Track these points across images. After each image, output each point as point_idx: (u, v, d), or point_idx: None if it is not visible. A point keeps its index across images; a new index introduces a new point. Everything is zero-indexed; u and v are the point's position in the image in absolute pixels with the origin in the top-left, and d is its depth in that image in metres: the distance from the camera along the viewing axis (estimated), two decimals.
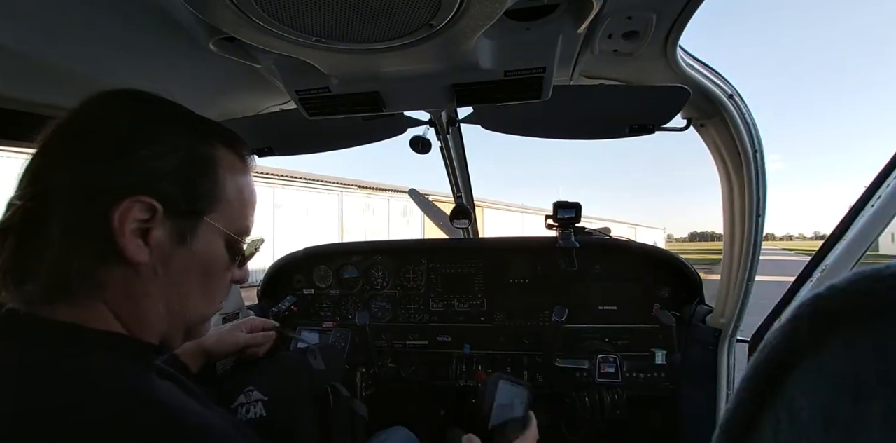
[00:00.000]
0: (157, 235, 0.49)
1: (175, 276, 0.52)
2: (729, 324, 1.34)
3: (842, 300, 0.21)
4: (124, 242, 0.47)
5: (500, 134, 1.30)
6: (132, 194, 0.47)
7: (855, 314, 0.20)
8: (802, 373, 0.22)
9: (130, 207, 0.47)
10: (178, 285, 0.53)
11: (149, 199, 0.48)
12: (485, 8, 0.56)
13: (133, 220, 0.47)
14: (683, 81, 0.95)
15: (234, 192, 0.57)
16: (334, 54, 0.68)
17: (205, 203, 0.53)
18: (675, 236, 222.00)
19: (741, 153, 1.09)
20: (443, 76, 0.80)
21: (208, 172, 0.54)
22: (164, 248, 0.50)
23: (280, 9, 0.54)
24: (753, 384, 0.24)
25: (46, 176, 0.48)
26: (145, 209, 0.48)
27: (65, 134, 0.51)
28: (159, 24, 0.72)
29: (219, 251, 0.56)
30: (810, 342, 0.22)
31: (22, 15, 0.66)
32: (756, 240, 1.20)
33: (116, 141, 0.49)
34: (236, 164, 0.59)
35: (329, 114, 0.94)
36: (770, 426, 0.23)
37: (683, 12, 0.74)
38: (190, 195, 0.52)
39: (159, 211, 0.49)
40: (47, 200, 0.47)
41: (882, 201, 1.18)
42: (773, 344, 0.24)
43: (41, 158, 0.50)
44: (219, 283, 0.59)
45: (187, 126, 0.55)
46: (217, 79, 1.00)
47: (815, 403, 0.21)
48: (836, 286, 0.21)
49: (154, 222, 0.49)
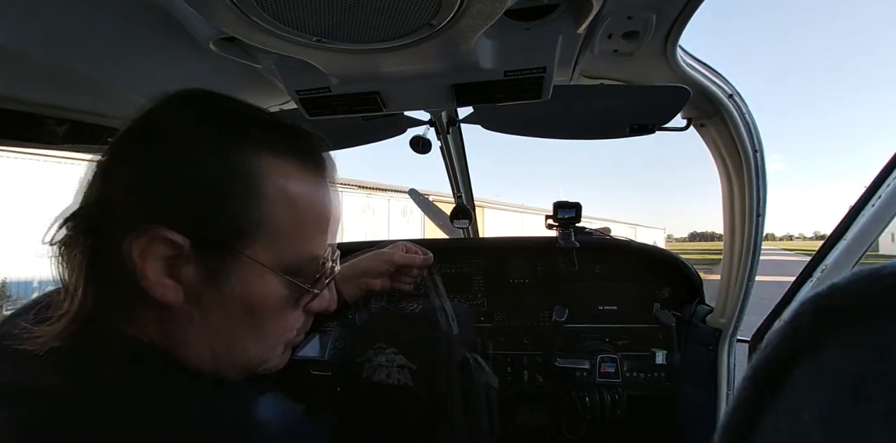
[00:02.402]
0: (188, 272, 0.42)
1: (214, 319, 0.44)
2: (729, 324, 1.34)
3: (842, 299, 0.21)
4: (148, 283, 0.40)
5: (500, 134, 1.31)
6: (149, 224, 0.40)
7: (855, 314, 0.20)
8: (803, 373, 0.22)
9: (149, 241, 0.40)
10: (220, 330, 0.45)
11: (168, 233, 0.40)
12: (485, 8, 0.56)
13: (155, 255, 0.40)
14: (683, 81, 0.95)
15: (289, 214, 0.45)
16: (335, 54, 0.68)
17: (242, 235, 0.43)
18: (676, 236, 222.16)
19: (741, 153, 1.09)
20: (443, 76, 0.80)
21: (248, 194, 0.43)
22: (198, 288, 0.43)
23: (281, 9, 0.54)
24: (754, 384, 0.24)
25: (82, 196, 0.44)
26: (166, 243, 0.40)
27: (103, 153, 0.45)
28: (159, 23, 0.73)
29: (268, 289, 0.46)
30: (811, 342, 0.22)
31: (21, 14, 0.66)
32: (756, 240, 1.20)
33: (139, 161, 0.43)
34: (296, 176, 0.47)
35: (329, 114, 0.94)
36: (771, 427, 0.23)
37: (683, 12, 0.74)
38: (221, 226, 0.42)
39: (185, 246, 0.41)
40: (77, 224, 0.42)
41: (882, 201, 1.19)
42: (773, 344, 0.24)
43: (87, 176, 0.45)
44: (274, 324, 0.48)
45: (225, 133, 0.44)
46: (217, 79, 1.00)
47: (815, 403, 0.21)
48: (836, 285, 0.21)
49: (181, 258, 0.41)
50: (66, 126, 0.97)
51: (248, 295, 0.45)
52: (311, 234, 0.49)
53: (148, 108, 0.47)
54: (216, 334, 0.45)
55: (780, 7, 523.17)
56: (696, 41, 3.97)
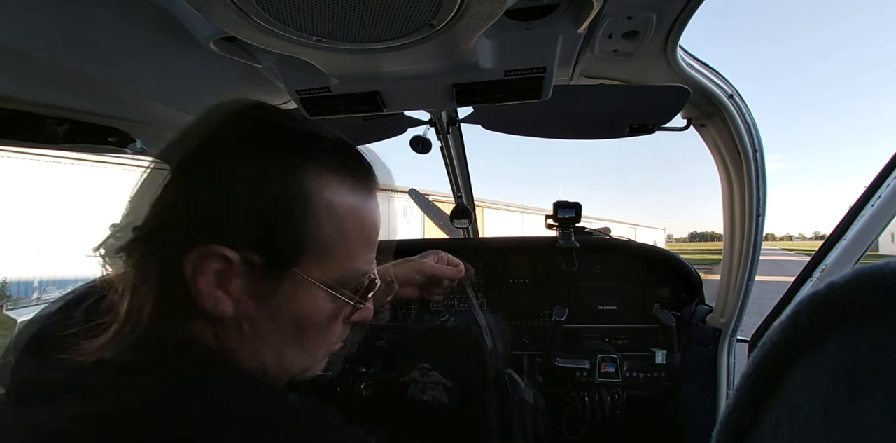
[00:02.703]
0: (239, 286, 0.43)
1: (264, 331, 0.46)
2: (729, 324, 1.34)
3: (841, 297, 0.21)
4: (200, 295, 0.41)
5: (500, 134, 1.31)
6: (205, 244, 0.41)
7: (854, 311, 0.20)
8: (802, 370, 0.22)
9: (204, 257, 0.41)
10: (270, 344, 0.46)
11: (221, 249, 0.41)
12: (485, 8, 0.56)
13: (208, 270, 0.41)
14: (683, 81, 0.95)
15: (337, 232, 0.46)
16: (335, 54, 0.68)
17: (293, 252, 0.44)
18: (676, 236, 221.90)
19: (741, 153, 1.09)
20: (443, 76, 0.80)
21: (298, 214, 0.44)
22: (251, 302, 0.44)
23: (281, 9, 0.54)
24: (753, 381, 0.25)
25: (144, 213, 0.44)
26: (219, 259, 0.41)
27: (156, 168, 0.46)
28: (159, 24, 0.73)
29: (317, 304, 0.47)
30: (810, 339, 0.22)
31: (22, 14, 0.66)
32: (756, 240, 1.20)
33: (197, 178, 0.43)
34: (344, 193, 0.48)
35: (329, 114, 0.94)
36: (769, 423, 0.23)
37: (683, 12, 0.74)
38: (273, 244, 0.43)
39: (236, 261, 0.42)
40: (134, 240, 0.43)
41: (882, 201, 1.19)
42: (772, 341, 0.24)
43: (135, 190, 0.46)
44: (320, 336, 0.50)
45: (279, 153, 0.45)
46: (217, 79, 1.00)
47: (814, 399, 0.21)
48: (835, 283, 0.21)
49: (232, 273, 0.42)
50: (67, 126, 0.97)
51: (296, 308, 0.46)
52: (357, 249, 0.50)
53: (202, 121, 0.48)
54: (265, 344, 0.46)
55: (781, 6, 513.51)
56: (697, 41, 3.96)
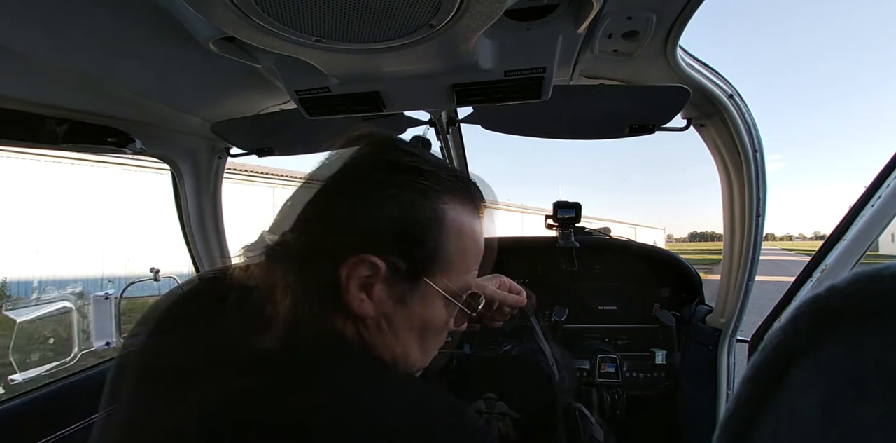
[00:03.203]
0: (380, 291, 0.50)
1: (398, 332, 0.53)
2: (729, 324, 1.34)
3: (842, 301, 0.21)
4: (349, 297, 0.48)
5: (500, 134, 1.31)
6: (359, 252, 0.48)
7: (855, 315, 0.20)
8: (802, 372, 0.22)
9: (357, 264, 0.48)
10: (401, 342, 0.54)
11: (373, 258, 0.48)
12: (485, 8, 0.56)
13: (358, 276, 0.48)
14: (683, 81, 0.95)
15: (458, 250, 0.55)
16: (335, 54, 0.68)
17: (426, 265, 0.52)
18: (675, 236, 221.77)
19: (741, 153, 1.09)
20: (443, 76, 0.80)
21: (434, 233, 0.52)
22: (388, 304, 0.51)
23: (280, 9, 0.54)
24: (754, 384, 0.25)
25: (295, 223, 0.52)
26: (369, 267, 0.48)
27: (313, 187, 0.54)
28: (160, 24, 0.73)
29: (437, 311, 0.55)
30: (810, 342, 0.22)
31: (24, 15, 0.66)
32: (756, 240, 1.20)
33: (353, 198, 0.51)
34: (466, 217, 0.56)
35: (329, 114, 0.94)
36: (770, 425, 0.23)
37: (683, 12, 0.74)
38: (413, 256, 0.51)
39: (382, 269, 0.49)
40: (292, 246, 0.50)
41: (882, 201, 1.19)
42: (773, 344, 0.24)
43: (290, 203, 0.55)
44: (436, 339, 0.59)
45: (424, 181, 0.53)
46: (218, 79, 1.00)
47: (814, 402, 0.21)
48: (835, 287, 0.21)
49: (377, 279, 0.49)
50: (67, 126, 0.97)
51: (423, 312, 0.54)
52: (470, 266, 0.58)
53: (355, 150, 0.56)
54: (397, 341, 0.53)
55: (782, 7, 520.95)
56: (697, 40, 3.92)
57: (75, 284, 7.87)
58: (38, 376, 1.05)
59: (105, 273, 8.55)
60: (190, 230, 1.49)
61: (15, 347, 1.05)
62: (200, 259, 1.55)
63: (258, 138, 1.33)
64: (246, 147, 1.39)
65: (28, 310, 1.09)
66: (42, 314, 1.10)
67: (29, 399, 1.00)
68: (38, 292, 7.88)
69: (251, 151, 1.39)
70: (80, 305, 1.18)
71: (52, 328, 1.14)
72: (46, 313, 1.11)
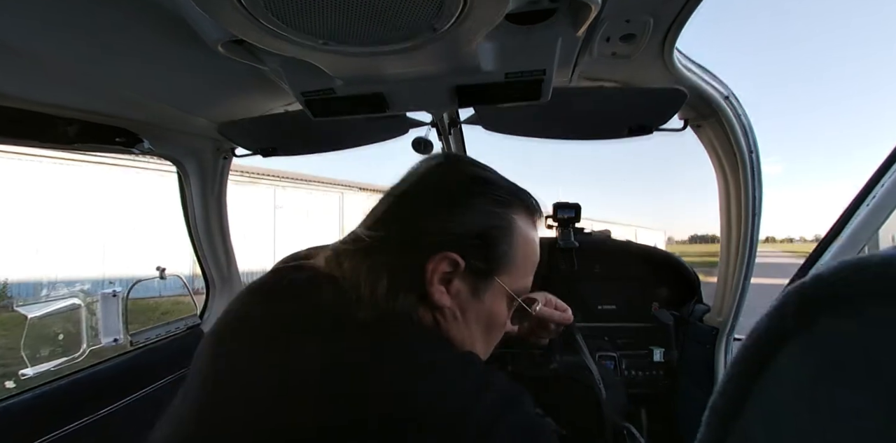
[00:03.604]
0: (457, 285, 0.57)
1: (469, 323, 0.60)
2: (726, 322, 1.35)
3: (826, 288, 0.22)
4: (432, 289, 0.55)
5: (502, 137, 1.32)
6: (444, 250, 0.55)
7: (839, 302, 0.21)
8: (788, 357, 0.23)
9: (441, 260, 0.55)
10: (470, 332, 0.60)
11: (456, 256, 0.55)
12: (485, 12, 0.58)
13: (440, 271, 0.55)
14: (680, 83, 0.97)
15: (522, 255, 0.63)
16: (340, 57, 0.70)
17: (498, 265, 0.60)
18: (676, 239, 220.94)
19: (737, 154, 1.11)
20: (445, 78, 0.82)
21: (506, 238, 0.60)
22: (463, 297, 0.58)
23: (289, 12, 0.56)
24: (741, 368, 0.25)
25: (386, 223, 0.60)
26: (450, 263, 0.56)
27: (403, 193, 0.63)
28: (168, 27, 0.74)
29: (501, 308, 0.63)
30: (795, 328, 0.23)
31: (31, 15, 0.67)
32: (752, 239, 1.22)
33: (440, 204, 0.59)
34: (528, 227, 0.65)
35: (333, 115, 0.95)
36: (756, 408, 0.24)
37: (679, 16, 0.76)
38: (487, 257, 0.59)
39: (461, 266, 0.56)
40: (384, 242, 0.58)
41: (877, 201, 1.20)
42: (760, 330, 0.25)
43: (383, 206, 0.63)
44: (496, 334, 0.66)
45: (497, 194, 0.61)
46: (223, 80, 1.02)
47: (799, 385, 0.22)
48: (821, 275, 0.22)
49: (456, 274, 0.57)
50: (77, 126, 0.99)
51: (492, 309, 0.61)
52: (529, 272, 0.67)
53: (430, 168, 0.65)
54: (469, 332, 0.60)
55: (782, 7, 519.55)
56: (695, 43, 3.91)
57: (77, 284, 7.89)
58: (47, 372, 1.07)
59: (106, 274, 8.57)
60: (195, 229, 1.51)
61: (26, 342, 1.06)
62: (205, 257, 1.57)
63: (263, 139, 1.35)
64: (251, 148, 1.41)
65: (38, 306, 1.11)
66: (51, 311, 1.12)
67: (38, 394, 1.02)
68: (47, 289, 7.89)
69: (256, 152, 1.41)
70: (88, 302, 1.20)
71: (61, 325, 1.15)
72: (55, 310, 1.13)
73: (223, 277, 1.62)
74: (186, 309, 1.56)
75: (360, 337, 0.50)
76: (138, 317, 1.35)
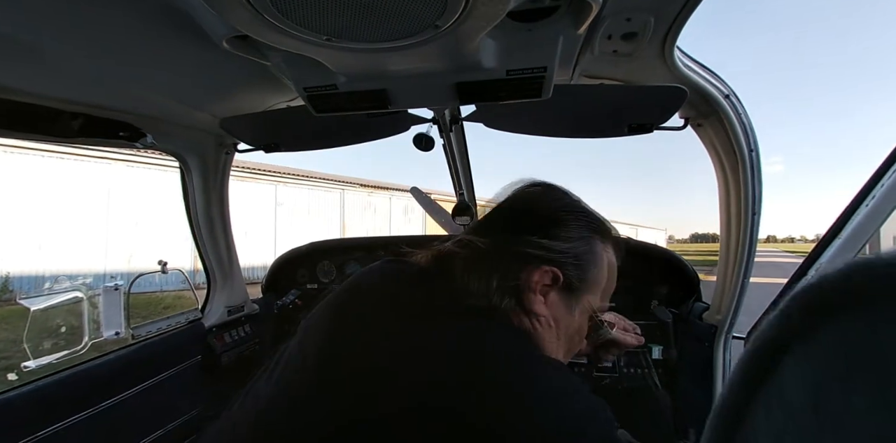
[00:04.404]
0: (553, 297, 0.64)
1: (560, 333, 0.66)
2: (725, 320, 1.36)
3: (834, 289, 0.21)
4: (534, 297, 0.62)
5: (504, 134, 1.33)
6: (547, 264, 0.62)
7: (846, 302, 0.20)
8: (794, 358, 0.22)
9: (545, 273, 0.62)
10: (558, 342, 0.66)
11: (558, 271, 0.62)
12: (488, 10, 0.58)
13: (542, 282, 0.62)
14: (681, 81, 0.97)
15: (606, 280, 0.71)
16: (343, 53, 0.71)
17: (588, 285, 0.67)
18: (677, 238, 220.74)
19: (737, 152, 1.12)
20: (447, 75, 0.83)
21: (598, 263, 0.68)
22: (556, 309, 0.64)
23: (294, 9, 0.57)
24: (747, 370, 0.25)
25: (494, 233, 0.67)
26: (552, 277, 0.62)
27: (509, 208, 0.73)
28: (173, 22, 0.75)
29: (584, 324, 0.70)
30: (802, 330, 0.22)
31: (36, 10, 0.68)
32: (752, 237, 1.22)
33: (545, 224, 0.66)
34: (612, 256, 0.73)
35: (336, 111, 0.96)
36: (762, 411, 0.24)
37: (680, 14, 0.76)
38: (581, 277, 0.66)
39: (560, 281, 0.63)
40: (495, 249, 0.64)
41: (877, 201, 1.20)
42: (766, 330, 0.24)
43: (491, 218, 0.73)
44: (575, 348, 0.72)
45: (591, 222, 0.69)
46: (226, 76, 1.02)
47: (805, 388, 0.21)
48: (828, 276, 0.21)
49: (553, 288, 0.63)
50: (81, 120, 1.00)
51: (578, 322, 0.68)
52: (608, 295, 0.74)
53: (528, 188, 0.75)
54: (557, 341, 0.66)
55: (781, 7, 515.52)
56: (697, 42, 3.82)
57: (78, 280, 7.90)
58: (49, 364, 1.08)
59: (108, 269, 8.59)
60: (197, 223, 1.52)
61: (28, 334, 1.07)
62: (207, 252, 1.58)
63: (265, 134, 1.36)
64: (253, 143, 1.42)
65: (41, 299, 1.12)
66: (54, 304, 1.13)
67: (41, 385, 1.03)
68: (49, 283, 7.91)
69: (258, 147, 1.42)
70: (90, 295, 1.21)
71: (63, 317, 1.16)
72: (58, 303, 1.14)
73: (224, 271, 1.63)
74: (187, 304, 1.57)
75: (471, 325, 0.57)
76: (140, 312, 1.37)
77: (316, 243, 1.99)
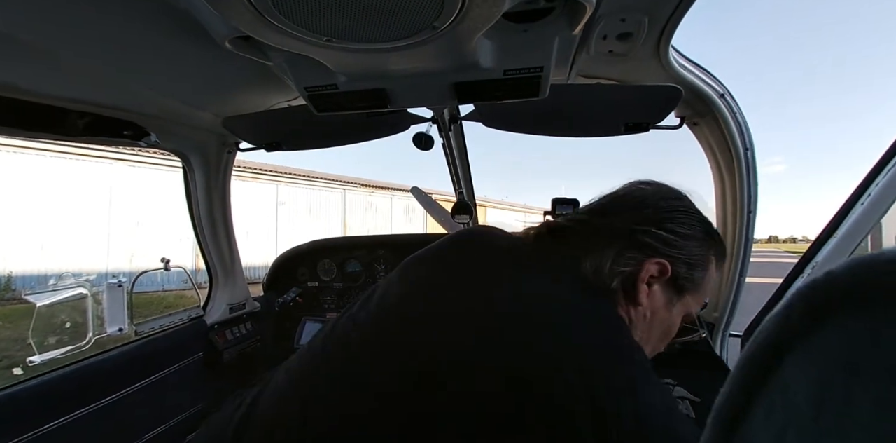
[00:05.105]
0: (657, 290, 0.65)
1: (653, 326, 0.67)
2: (722, 318, 1.37)
3: (837, 286, 0.21)
4: (640, 285, 0.63)
5: (504, 134, 1.34)
6: (660, 257, 0.64)
7: (850, 300, 0.20)
8: (796, 357, 0.22)
9: (656, 264, 0.63)
10: (650, 334, 0.68)
11: (668, 265, 0.64)
12: (484, 11, 0.59)
13: (651, 272, 0.63)
14: (676, 81, 0.98)
15: (706, 286, 0.72)
16: (344, 53, 0.72)
17: (691, 286, 0.68)
18: None
19: (732, 151, 1.13)
20: (445, 75, 0.84)
21: (706, 267, 0.70)
22: (657, 302, 0.66)
23: (295, 10, 0.58)
24: (748, 369, 0.25)
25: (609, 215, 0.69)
26: (660, 270, 0.64)
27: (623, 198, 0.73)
28: (176, 22, 0.76)
29: (677, 323, 0.71)
30: (804, 328, 0.22)
31: (40, 9, 0.69)
32: (748, 236, 1.24)
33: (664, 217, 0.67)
34: (716, 266, 0.74)
35: (336, 110, 0.97)
36: (763, 410, 0.24)
37: (674, 15, 0.77)
38: (689, 276, 0.67)
39: (667, 275, 0.64)
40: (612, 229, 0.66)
41: (872, 199, 1.22)
42: (768, 329, 0.24)
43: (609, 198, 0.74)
44: (663, 344, 0.73)
45: (708, 229, 0.71)
46: (229, 76, 1.04)
47: (807, 387, 0.21)
48: (833, 272, 0.21)
49: (659, 281, 0.65)
50: (86, 119, 1.02)
51: (672, 317, 0.69)
52: (702, 302, 0.75)
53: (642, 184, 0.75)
54: (649, 334, 0.67)
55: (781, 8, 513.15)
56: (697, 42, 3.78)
57: (81, 278, 7.93)
58: (54, 359, 1.10)
59: (110, 268, 8.62)
60: (199, 221, 1.53)
61: (34, 329, 1.09)
62: (209, 250, 1.59)
63: (267, 133, 1.37)
64: (255, 142, 1.43)
65: (46, 295, 1.14)
66: (59, 300, 1.15)
67: (45, 380, 1.05)
68: (54, 280, 7.94)
69: (260, 146, 1.43)
70: (94, 291, 1.22)
71: (68, 313, 1.18)
72: (63, 299, 1.16)
73: (226, 269, 1.65)
74: (188, 303, 1.58)
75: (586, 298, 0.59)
76: (141, 311, 1.38)
77: (317, 242, 2.00)
